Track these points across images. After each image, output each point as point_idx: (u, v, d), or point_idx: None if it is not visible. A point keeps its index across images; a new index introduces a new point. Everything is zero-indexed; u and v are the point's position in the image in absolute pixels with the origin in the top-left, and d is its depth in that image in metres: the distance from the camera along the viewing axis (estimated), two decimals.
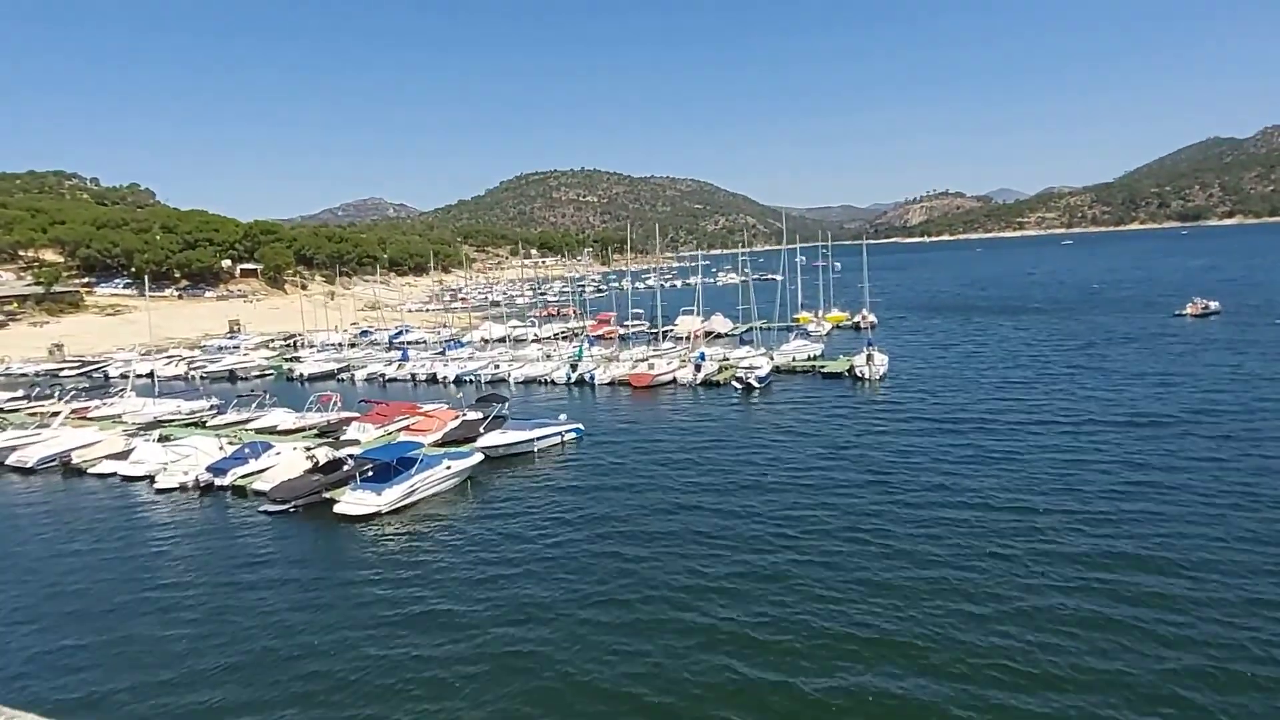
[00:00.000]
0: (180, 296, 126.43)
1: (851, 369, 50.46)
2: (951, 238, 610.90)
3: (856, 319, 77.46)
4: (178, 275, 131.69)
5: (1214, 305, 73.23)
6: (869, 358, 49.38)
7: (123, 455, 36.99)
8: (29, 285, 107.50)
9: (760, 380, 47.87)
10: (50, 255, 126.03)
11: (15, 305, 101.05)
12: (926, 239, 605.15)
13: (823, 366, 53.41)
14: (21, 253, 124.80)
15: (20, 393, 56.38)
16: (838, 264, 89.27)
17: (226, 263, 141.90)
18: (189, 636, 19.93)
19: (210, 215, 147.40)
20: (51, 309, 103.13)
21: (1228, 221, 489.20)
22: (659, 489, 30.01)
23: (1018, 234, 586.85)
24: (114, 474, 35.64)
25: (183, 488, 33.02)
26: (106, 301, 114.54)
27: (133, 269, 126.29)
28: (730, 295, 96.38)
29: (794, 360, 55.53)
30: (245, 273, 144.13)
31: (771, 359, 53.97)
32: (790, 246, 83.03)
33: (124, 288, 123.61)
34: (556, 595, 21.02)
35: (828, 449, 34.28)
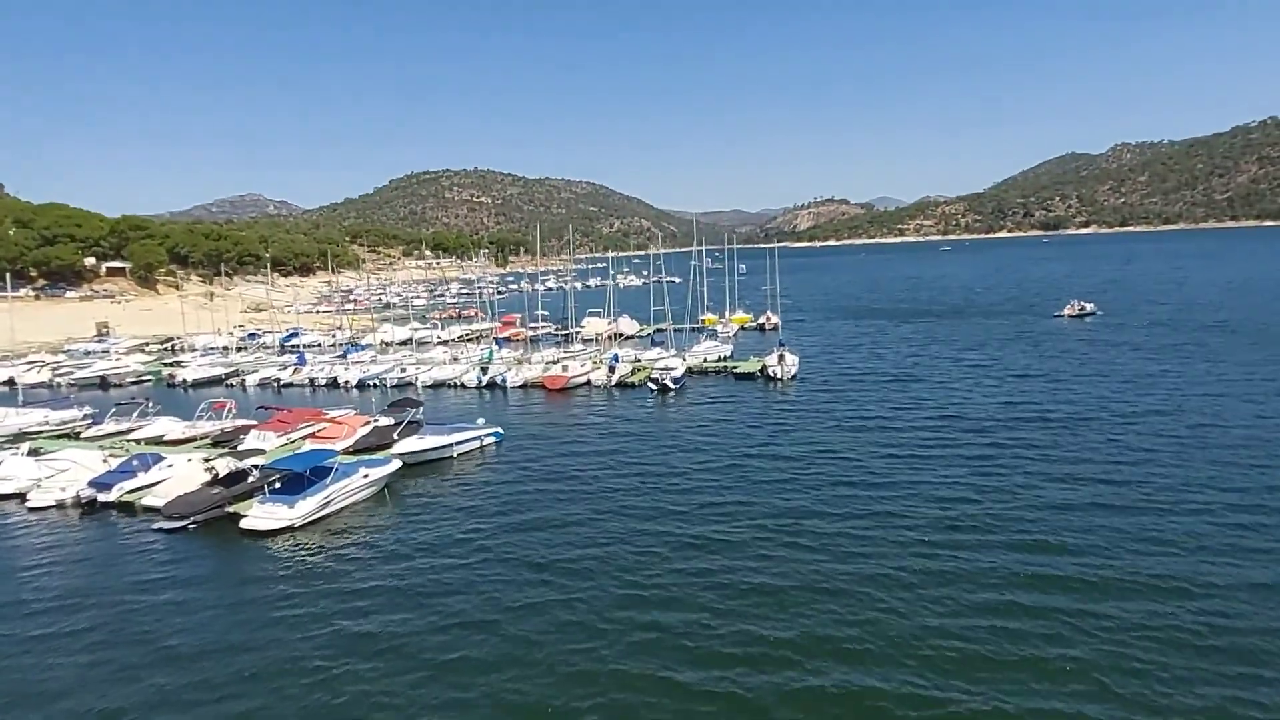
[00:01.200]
0: (38, 296, 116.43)
1: (763, 369, 50.98)
2: (838, 243, 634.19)
3: (761, 320, 78.74)
4: (34, 274, 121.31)
5: (1090, 307, 78.30)
6: (780, 358, 50.05)
7: None
8: None
9: (675, 381, 47.76)
10: None
11: None
12: (815, 244, 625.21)
13: (734, 367, 53.80)
14: None
15: None
16: (743, 266, 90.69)
17: (90, 260, 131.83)
18: (77, 671, 18.00)
19: (71, 209, 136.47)
20: None
21: (1084, 231, 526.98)
22: (583, 492, 29.36)
23: (898, 240, 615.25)
24: None
25: (60, 506, 30.03)
26: None
27: None
28: (631, 297, 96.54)
29: (705, 361, 55.81)
30: (112, 271, 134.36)
31: (684, 360, 53.94)
32: (692, 249, 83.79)
33: None
34: (485, 606, 20.14)
35: (746, 448, 34.48)
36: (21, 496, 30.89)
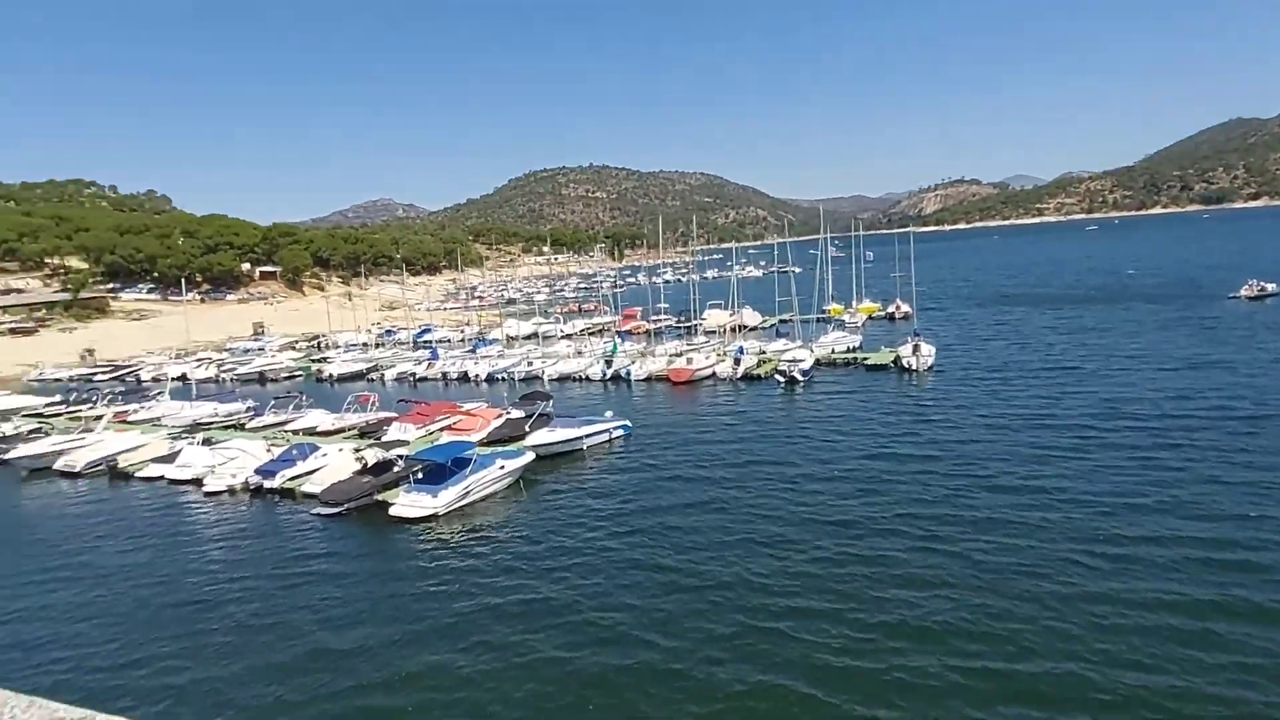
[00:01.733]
0: (202, 300, 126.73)
1: (897, 360, 49.29)
2: (968, 225, 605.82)
3: (890, 309, 76.38)
4: (199, 279, 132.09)
5: (1270, 287, 70.23)
6: (915, 348, 48.22)
7: (168, 458, 36.71)
8: (56, 292, 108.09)
9: (803, 373, 46.98)
10: (75, 262, 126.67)
11: (44, 312, 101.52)
12: (943, 227, 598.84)
13: (865, 358, 52.25)
14: (47, 260, 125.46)
15: (58, 397, 56.40)
16: (869, 253, 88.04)
17: (246, 266, 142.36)
18: (250, 636, 19.79)
19: (229, 219, 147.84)
20: (79, 315, 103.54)
21: (1253, 204, 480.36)
22: (713, 486, 29.18)
23: (1036, 220, 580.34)
24: (160, 477, 35.32)
25: (231, 491, 32.72)
26: (131, 306, 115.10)
27: (155, 274, 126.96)
28: (751, 288, 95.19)
29: (833, 352, 54.47)
30: (264, 275, 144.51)
31: (811, 351, 53.03)
32: (808, 238, 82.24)
33: (147, 293, 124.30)
34: (617, 600, 20.33)
35: (881, 443, 33.15)
36: (199, 482, 33.79)
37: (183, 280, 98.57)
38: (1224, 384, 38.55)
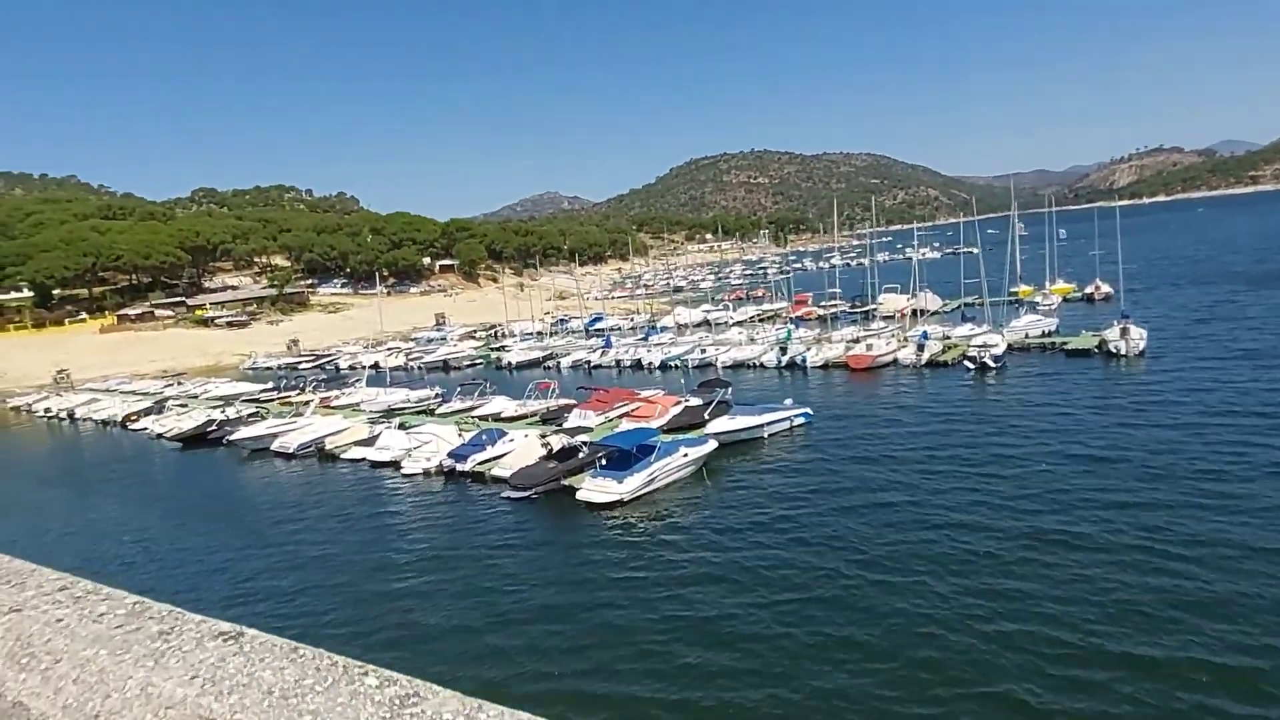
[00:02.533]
0: (389, 293, 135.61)
1: (1102, 345, 44.91)
2: (1168, 198, 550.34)
3: (1088, 290, 70.04)
4: (385, 274, 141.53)
5: None
6: (1124, 331, 43.54)
7: (369, 441, 39.04)
8: (265, 288, 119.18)
9: (995, 359, 43.71)
10: (279, 260, 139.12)
11: (254, 306, 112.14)
12: (1140, 200, 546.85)
13: (1064, 343, 47.89)
14: (255, 259, 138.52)
15: (270, 384, 61.74)
16: (1062, 231, 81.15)
17: (426, 260, 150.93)
18: (445, 612, 20.52)
19: (411, 216, 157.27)
20: (284, 308, 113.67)
21: None
22: (901, 479, 27.47)
23: (1251, 189, 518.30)
24: (363, 459, 37.57)
25: (426, 473, 34.22)
26: (328, 300, 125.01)
27: (348, 269, 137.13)
28: (927, 271, 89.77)
29: (1027, 337, 50.40)
30: (443, 268, 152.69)
31: (1002, 336, 49.24)
32: (988, 216, 76.79)
33: (341, 287, 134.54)
34: (805, 595, 19.38)
35: (1090, 436, 29.95)
36: (396, 464, 35.65)
37: (378, 275, 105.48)
38: None
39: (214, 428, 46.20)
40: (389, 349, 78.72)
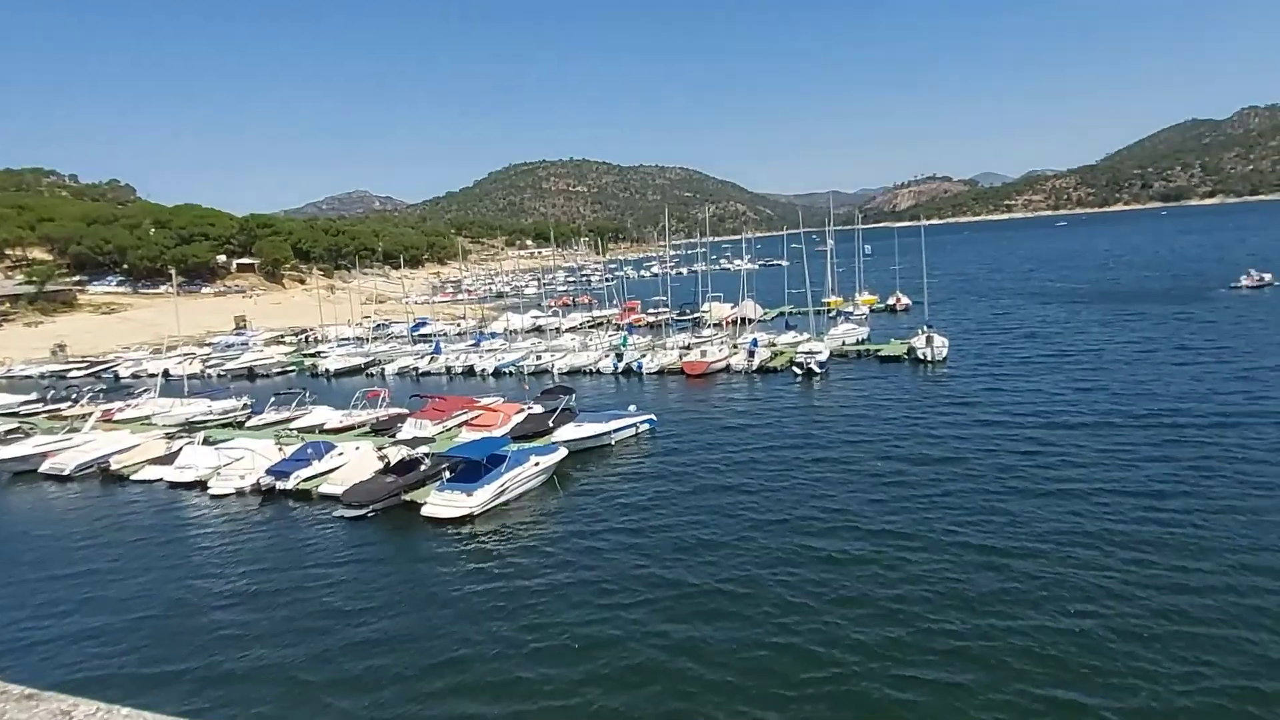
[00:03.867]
0: (176, 293, 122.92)
1: (910, 351, 48.42)
2: (941, 221, 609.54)
3: (890, 302, 75.48)
4: (172, 272, 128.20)
5: (1268, 277, 70.89)
6: (929, 339, 47.30)
7: (167, 460, 34.51)
8: (20, 285, 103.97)
9: (820, 365, 45.88)
10: (39, 253, 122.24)
11: (8, 305, 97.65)
12: (918, 223, 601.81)
13: (878, 349, 51.37)
14: (9, 251, 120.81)
15: (34, 395, 53.59)
16: (868, 247, 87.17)
17: (222, 258, 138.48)
18: (275, 651, 18.18)
19: (204, 209, 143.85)
20: (45, 308, 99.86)
21: (1209, 201, 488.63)
22: (747, 479, 28.13)
23: (1005, 217, 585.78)
24: (160, 480, 33.12)
25: (240, 493, 30.64)
26: (101, 300, 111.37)
27: (125, 266, 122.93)
28: (742, 282, 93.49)
29: (844, 344, 53.57)
30: (242, 268, 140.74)
31: (825, 343, 51.79)
32: (795, 231, 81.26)
33: (117, 285, 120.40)
34: (665, 603, 19.07)
35: (911, 435, 32.25)
36: (203, 484, 31.66)
37: (173, 273, 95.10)
38: (1246, 376, 37.72)
39: None
40: (182, 355, 70.72)
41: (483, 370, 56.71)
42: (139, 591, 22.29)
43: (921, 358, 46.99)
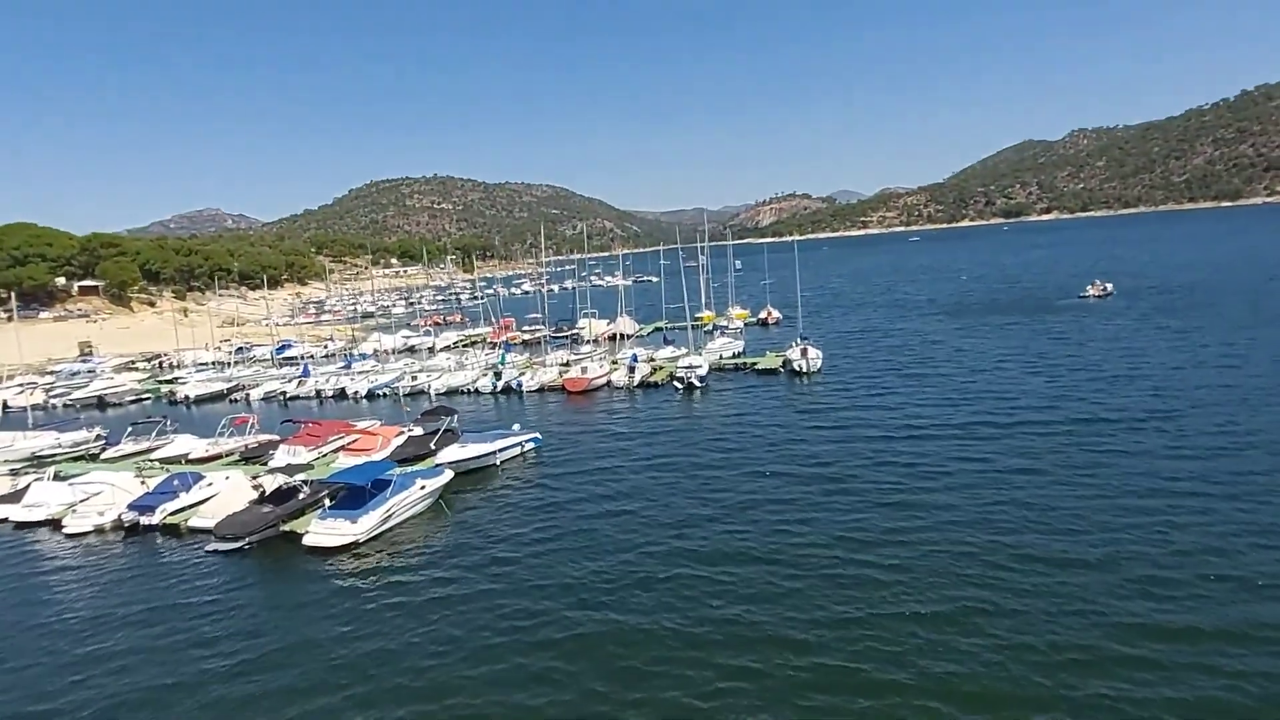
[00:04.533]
0: (10, 318, 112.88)
1: (786, 364, 50.67)
2: (801, 237, 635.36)
3: (762, 316, 78.55)
4: (3, 295, 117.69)
5: (1109, 287, 79.02)
6: (804, 352, 49.65)
7: (12, 498, 32.11)
8: None
9: (700, 379, 47.43)
10: None
11: None
12: (783, 239, 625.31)
13: (754, 363, 53.43)
14: None
15: None
16: (738, 262, 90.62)
17: (61, 280, 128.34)
18: (154, 695, 17.50)
19: (40, 228, 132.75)
20: None
21: (1046, 217, 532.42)
22: (635, 496, 28.74)
23: (862, 232, 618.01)
24: (4, 520, 30.81)
25: (99, 530, 28.92)
26: None
27: None
28: (612, 298, 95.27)
29: (721, 358, 55.40)
30: (84, 290, 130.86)
31: (703, 358, 53.45)
32: (656, 249, 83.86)
33: None
34: (563, 621, 19.47)
35: (784, 445, 33.95)
36: (56, 523, 29.73)
37: (10, 296, 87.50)
38: (1099, 379, 41.71)
39: None
40: (21, 384, 65.25)
41: (355, 393, 55.28)
42: None
43: (797, 369, 49.09)
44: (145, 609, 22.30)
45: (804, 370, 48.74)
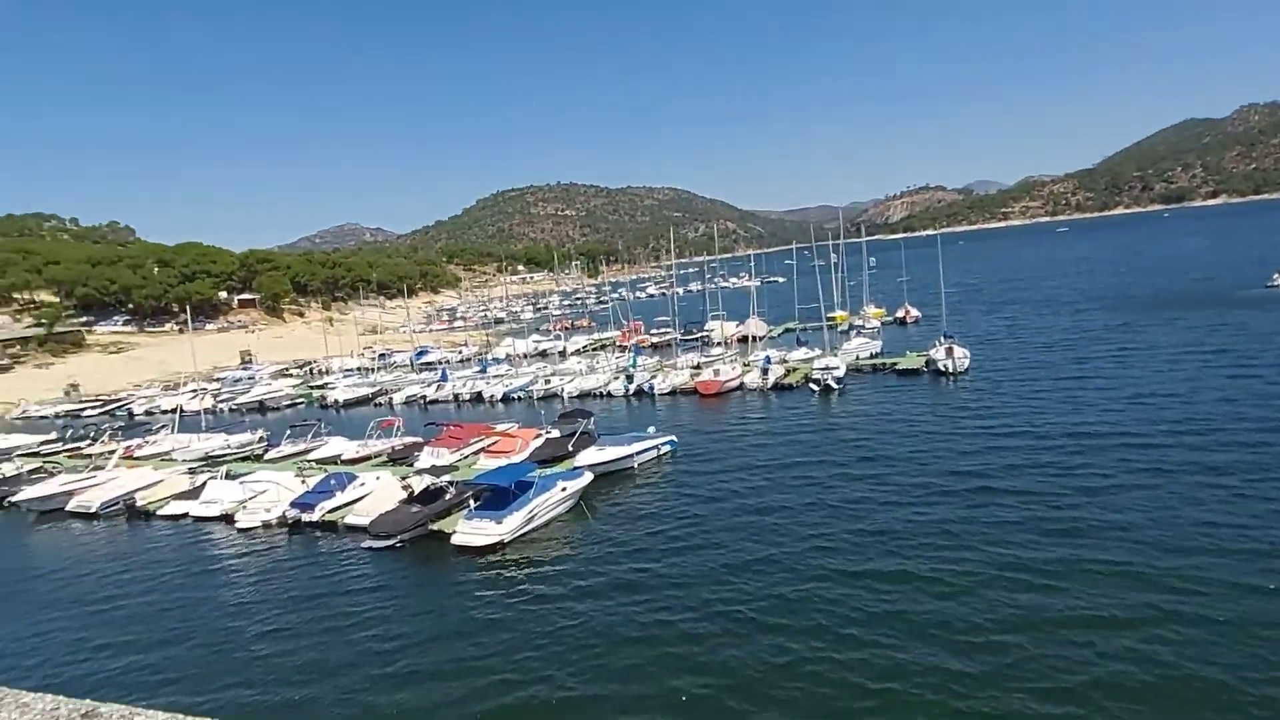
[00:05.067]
0: (180, 330, 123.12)
1: (929, 364, 48.30)
2: (935, 231, 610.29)
3: (899, 314, 75.64)
4: (176, 309, 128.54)
5: None
6: (949, 350, 47.06)
7: (191, 494, 34.63)
8: (29, 327, 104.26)
9: (838, 381, 45.90)
10: (46, 296, 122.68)
11: (18, 348, 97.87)
12: (915, 233, 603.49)
13: (894, 363, 51.20)
14: (16, 295, 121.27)
15: (53, 435, 53.71)
16: (873, 260, 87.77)
17: (223, 294, 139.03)
18: (320, 677, 18.44)
19: (204, 246, 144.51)
20: (55, 350, 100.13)
21: (1212, 202, 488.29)
22: (774, 500, 27.83)
23: (1002, 225, 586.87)
24: (185, 515, 33.21)
25: (266, 526, 30.72)
26: (108, 339, 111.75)
27: (130, 305, 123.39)
28: (738, 300, 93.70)
29: (858, 359, 53.47)
30: (243, 303, 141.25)
31: (840, 358, 51.72)
32: (785, 249, 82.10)
33: (123, 324, 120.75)
34: (717, 634, 18.73)
35: (931, 451, 31.71)
36: (229, 518, 31.75)
37: (186, 310, 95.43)
38: None
39: None
40: (193, 391, 70.92)
41: (491, 396, 56.78)
42: (176, 626, 22.31)
43: (942, 370, 46.49)
44: (311, 596, 23.65)
45: (950, 370, 46.10)
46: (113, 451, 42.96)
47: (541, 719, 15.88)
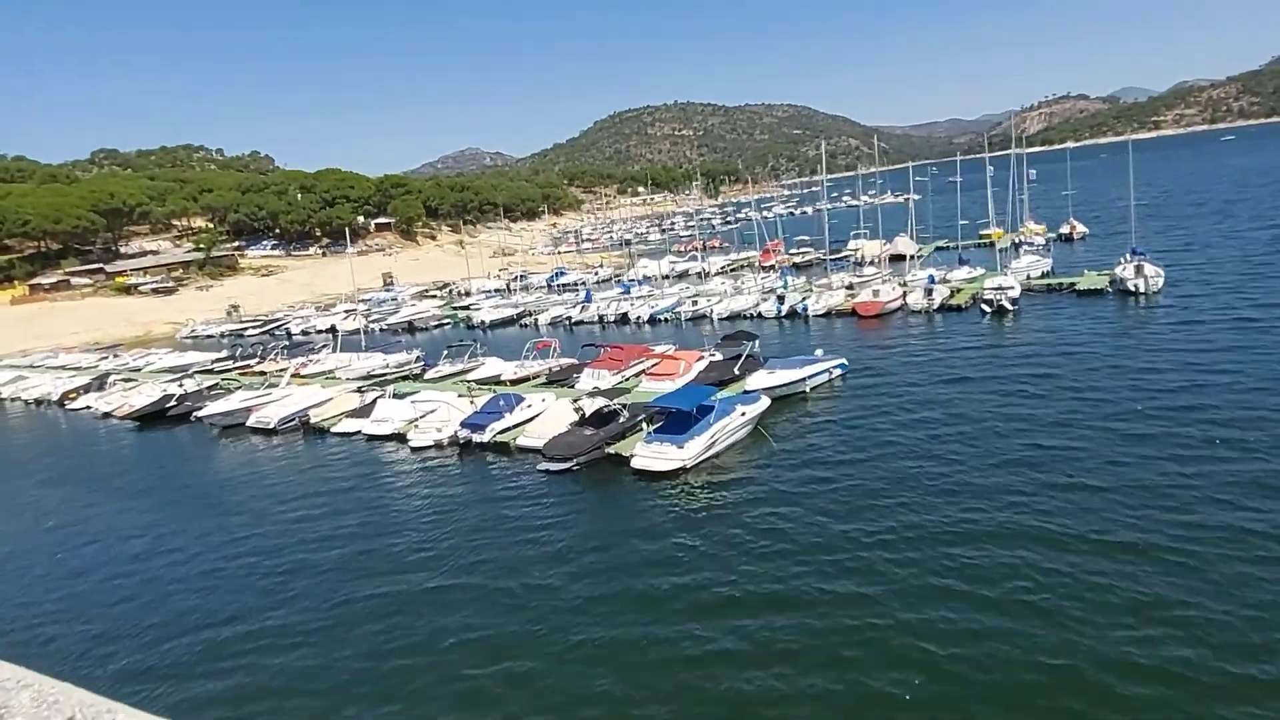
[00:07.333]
0: (324, 254, 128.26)
1: (1115, 283, 43.84)
2: (1076, 144, 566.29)
3: (1064, 230, 69.61)
4: (318, 234, 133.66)
5: None
6: (1138, 268, 42.49)
7: (362, 413, 35.29)
8: (189, 252, 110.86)
9: (1013, 302, 42.33)
10: (201, 222, 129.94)
11: (180, 271, 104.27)
12: (1053, 146, 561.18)
13: (1073, 283, 46.78)
14: (174, 222, 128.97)
15: (223, 353, 56.62)
16: (1032, 172, 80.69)
17: (361, 219, 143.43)
18: (517, 597, 18.29)
19: (343, 173, 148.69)
20: (213, 273, 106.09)
21: None
22: (959, 430, 25.67)
23: (1153, 134, 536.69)
24: (358, 433, 33.85)
25: (438, 445, 30.79)
26: (259, 263, 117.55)
27: (277, 230, 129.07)
28: (885, 216, 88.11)
29: (1030, 278, 49.22)
30: (379, 227, 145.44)
31: (1013, 278, 47.61)
32: (908, 165, 76.57)
33: (271, 248, 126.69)
34: (917, 562, 17.48)
35: (1129, 382, 28.30)
36: (400, 437, 32.08)
37: (349, 233, 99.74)
38: None
39: (173, 403, 41.52)
40: (345, 311, 73.54)
41: (637, 318, 55.76)
42: (359, 549, 22.27)
43: (1131, 290, 42.11)
44: (493, 517, 23.51)
45: (1140, 290, 41.65)
46: (283, 370, 44.43)
47: (755, 665, 14.75)
